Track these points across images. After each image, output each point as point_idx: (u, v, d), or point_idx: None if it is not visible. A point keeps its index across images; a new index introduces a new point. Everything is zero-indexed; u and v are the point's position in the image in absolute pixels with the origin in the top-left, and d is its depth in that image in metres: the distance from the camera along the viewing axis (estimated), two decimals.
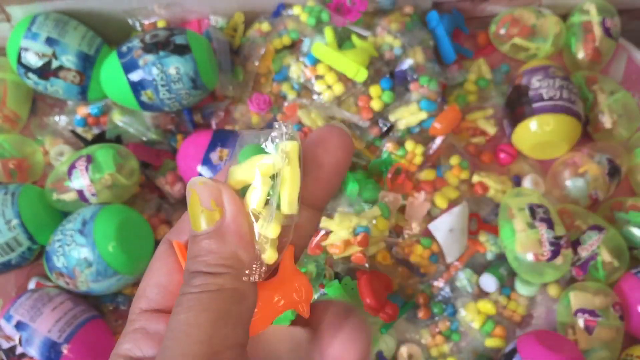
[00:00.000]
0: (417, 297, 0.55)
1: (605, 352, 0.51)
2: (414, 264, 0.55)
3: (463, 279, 0.55)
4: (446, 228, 0.54)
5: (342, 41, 0.57)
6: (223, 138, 0.51)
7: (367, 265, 0.49)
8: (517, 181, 0.59)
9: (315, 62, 0.55)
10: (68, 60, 0.56)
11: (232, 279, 0.20)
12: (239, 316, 0.20)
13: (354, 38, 0.56)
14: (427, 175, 0.56)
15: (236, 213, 0.20)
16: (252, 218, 0.21)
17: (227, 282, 0.20)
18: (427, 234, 0.55)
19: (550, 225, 0.51)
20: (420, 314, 0.54)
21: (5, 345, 0.49)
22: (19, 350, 0.48)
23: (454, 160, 0.56)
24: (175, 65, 0.52)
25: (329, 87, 0.55)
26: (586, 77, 0.61)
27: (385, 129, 0.57)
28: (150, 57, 0.52)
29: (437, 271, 0.55)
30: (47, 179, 0.54)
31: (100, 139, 0.59)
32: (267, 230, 0.20)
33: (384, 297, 0.51)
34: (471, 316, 0.54)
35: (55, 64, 0.56)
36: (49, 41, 0.56)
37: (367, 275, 0.50)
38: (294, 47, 0.60)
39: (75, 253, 0.49)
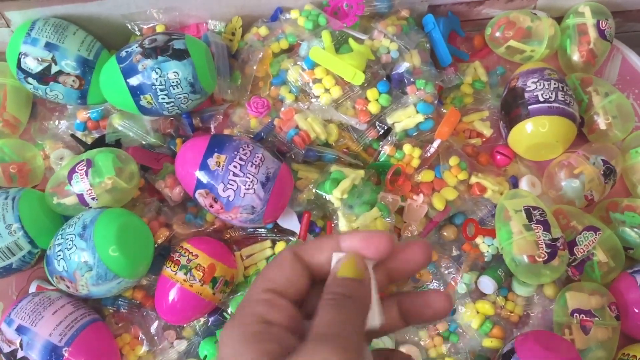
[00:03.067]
0: None
1: (601, 351, 0.51)
2: None
3: (461, 283, 0.55)
4: None
5: (339, 45, 0.57)
6: (219, 144, 0.52)
7: None
8: (514, 182, 0.59)
9: (313, 65, 0.56)
10: (67, 65, 0.56)
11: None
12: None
13: (351, 42, 0.57)
14: (425, 176, 0.57)
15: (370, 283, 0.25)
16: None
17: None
18: (426, 240, 0.56)
19: (547, 227, 0.51)
20: None
21: (7, 349, 0.49)
22: (20, 354, 0.49)
23: (453, 160, 0.57)
24: (174, 70, 0.53)
25: (327, 90, 0.56)
26: (581, 79, 0.61)
27: (382, 131, 0.58)
28: (149, 62, 0.53)
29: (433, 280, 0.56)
30: (48, 183, 0.54)
31: (100, 143, 0.59)
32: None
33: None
34: (469, 316, 0.54)
35: (54, 68, 0.56)
36: (49, 46, 0.56)
37: None
38: (291, 50, 0.60)
39: (76, 257, 0.49)
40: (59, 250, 0.50)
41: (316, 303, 0.24)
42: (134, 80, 0.53)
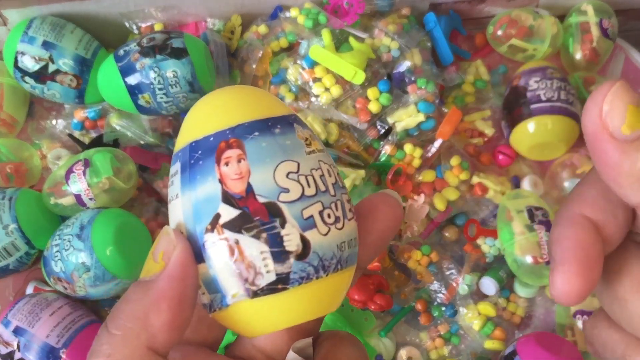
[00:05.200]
0: (415, 304, 0.55)
1: None
2: (411, 270, 0.55)
3: (462, 284, 0.55)
4: None
5: (340, 43, 0.57)
6: None
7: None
8: (516, 182, 0.59)
9: (313, 64, 0.55)
10: (65, 64, 0.56)
11: (122, 344, 0.20)
12: None
13: (352, 40, 0.56)
14: (426, 176, 0.56)
15: (174, 275, 0.20)
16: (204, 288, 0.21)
17: (116, 348, 0.19)
18: (427, 241, 0.55)
19: (549, 227, 0.51)
20: (422, 320, 0.54)
21: (4, 350, 0.49)
22: (17, 355, 0.48)
23: (455, 160, 0.56)
24: (172, 69, 0.52)
25: (327, 89, 0.55)
26: (584, 78, 0.61)
27: (383, 131, 0.57)
28: (147, 61, 0.52)
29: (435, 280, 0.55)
30: (45, 183, 0.54)
31: (97, 142, 0.59)
32: None
33: (373, 290, 0.51)
34: (471, 318, 0.54)
35: (52, 67, 0.56)
36: (46, 45, 0.56)
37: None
38: (291, 49, 0.60)
39: (73, 258, 0.49)
40: (57, 251, 0.49)
41: None
42: (132, 79, 0.53)
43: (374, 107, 0.56)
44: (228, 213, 0.20)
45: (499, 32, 0.61)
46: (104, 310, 0.55)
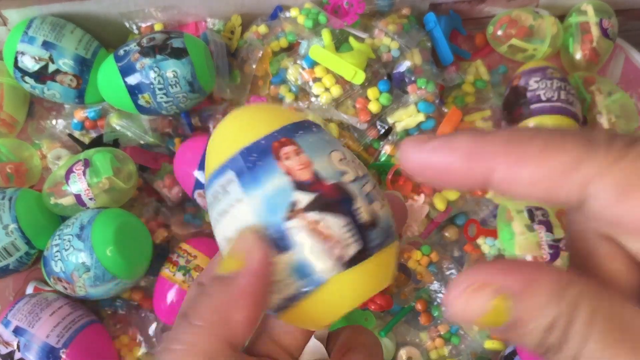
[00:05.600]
0: (415, 304, 0.55)
1: None
2: (411, 270, 0.55)
3: None
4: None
5: (340, 43, 0.57)
6: None
7: None
8: None
9: (313, 64, 0.55)
10: (65, 64, 0.56)
11: (204, 335, 0.20)
12: None
13: (352, 40, 0.56)
14: None
15: (253, 275, 0.21)
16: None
17: (198, 339, 0.20)
18: (427, 241, 0.55)
19: (549, 227, 0.51)
20: (422, 320, 0.54)
21: (4, 350, 0.49)
22: (17, 355, 0.48)
23: None
24: (172, 69, 0.52)
25: (327, 89, 0.55)
26: (584, 78, 0.60)
27: (383, 131, 0.57)
28: (147, 61, 0.52)
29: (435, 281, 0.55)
30: (45, 183, 0.54)
31: (97, 142, 0.58)
32: None
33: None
34: None
35: (52, 67, 0.56)
36: (46, 45, 0.56)
37: None
38: (291, 49, 0.60)
39: (73, 258, 0.49)
40: (57, 251, 0.49)
41: None
42: (132, 79, 0.53)
43: (374, 107, 0.56)
44: (304, 198, 0.22)
45: (499, 32, 0.61)
46: (104, 310, 0.55)
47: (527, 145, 0.16)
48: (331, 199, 0.22)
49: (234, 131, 0.24)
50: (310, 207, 0.22)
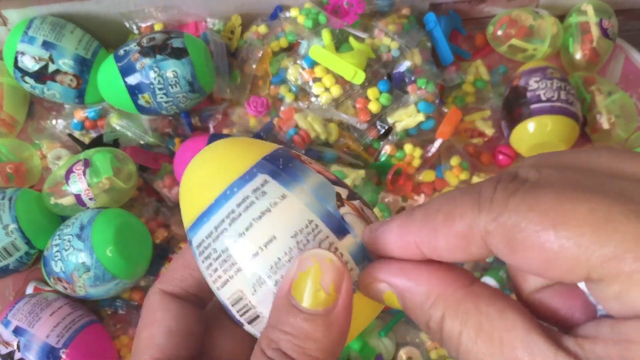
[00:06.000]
0: None
1: None
2: None
3: None
4: None
5: (340, 43, 0.57)
6: None
7: None
8: None
9: (313, 64, 0.55)
10: (65, 64, 0.56)
11: None
12: None
13: (352, 40, 0.56)
14: (426, 176, 0.56)
15: (348, 306, 0.20)
16: None
17: None
18: None
19: None
20: None
21: (4, 351, 0.49)
22: (17, 355, 0.48)
23: (455, 160, 0.56)
24: (172, 69, 0.52)
25: (327, 89, 0.55)
26: (584, 78, 0.60)
27: (383, 131, 0.57)
28: (147, 61, 0.52)
29: None
30: (45, 183, 0.54)
31: (97, 142, 0.58)
32: None
33: None
34: None
35: (52, 67, 0.56)
36: (46, 45, 0.56)
37: None
38: (291, 49, 0.60)
39: (73, 258, 0.49)
40: (57, 251, 0.49)
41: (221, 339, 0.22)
42: (132, 79, 0.53)
43: (374, 107, 0.56)
44: (343, 191, 0.24)
45: (499, 32, 0.61)
46: (104, 310, 0.55)
47: (434, 219, 0.18)
48: (355, 192, 0.24)
49: (236, 153, 0.26)
50: (352, 197, 0.24)
